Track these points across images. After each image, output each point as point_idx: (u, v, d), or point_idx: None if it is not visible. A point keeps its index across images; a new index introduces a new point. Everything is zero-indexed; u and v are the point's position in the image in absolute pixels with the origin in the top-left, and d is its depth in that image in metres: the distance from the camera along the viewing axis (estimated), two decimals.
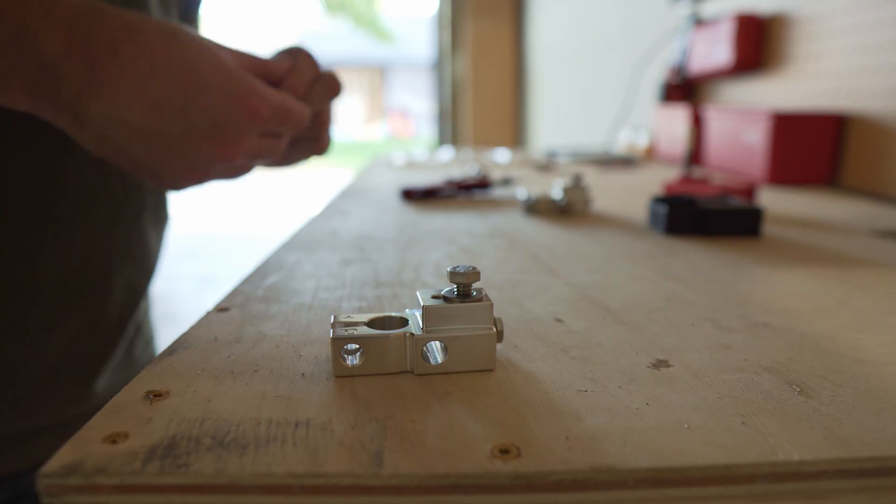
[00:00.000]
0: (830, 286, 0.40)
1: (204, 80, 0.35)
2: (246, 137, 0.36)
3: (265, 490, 0.20)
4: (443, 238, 0.55)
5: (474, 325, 0.27)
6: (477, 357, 0.27)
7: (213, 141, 0.35)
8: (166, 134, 0.35)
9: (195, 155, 0.36)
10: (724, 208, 0.56)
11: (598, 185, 0.87)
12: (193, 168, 0.37)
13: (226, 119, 0.35)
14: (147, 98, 0.34)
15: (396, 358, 0.27)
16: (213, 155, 0.36)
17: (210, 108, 0.35)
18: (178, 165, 0.36)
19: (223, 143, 0.36)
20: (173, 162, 0.36)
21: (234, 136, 0.36)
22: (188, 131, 0.35)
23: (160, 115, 0.34)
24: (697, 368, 0.27)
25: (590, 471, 0.20)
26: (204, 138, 0.35)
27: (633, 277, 0.42)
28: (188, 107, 0.34)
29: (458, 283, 0.27)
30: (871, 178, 0.85)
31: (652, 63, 1.56)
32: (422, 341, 0.27)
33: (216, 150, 0.36)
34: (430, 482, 0.20)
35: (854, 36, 0.88)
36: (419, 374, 0.27)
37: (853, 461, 0.20)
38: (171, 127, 0.34)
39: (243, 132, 0.36)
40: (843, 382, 0.26)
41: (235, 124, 0.36)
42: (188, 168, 0.37)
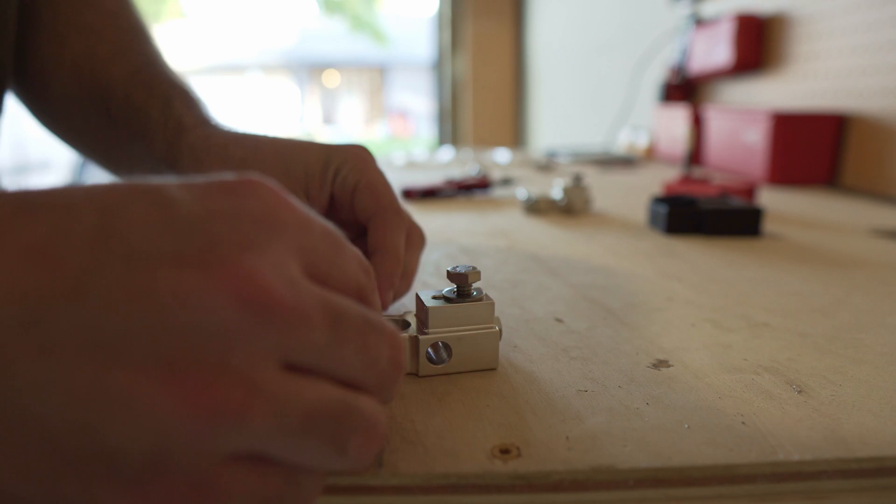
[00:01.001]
0: (830, 286, 0.40)
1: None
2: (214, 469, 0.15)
3: None
4: (443, 238, 0.55)
5: (477, 324, 0.27)
6: (481, 356, 0.27)
7: (104, 481, 0.14)
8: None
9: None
10: (724, 208, 0.56)
11: (598, 185, 0.87)
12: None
13: (147, 445, 0.14)
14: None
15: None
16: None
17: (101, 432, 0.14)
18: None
19: (126, 492, 0.15)
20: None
21: (183, 471, 0.15)
22: (81, 481, 0.14)
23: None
24: (697, 368, 0.27)
25: (590, 471, 0.20)
26: (94, 481, 0.14)
27: (633, 277, 0.42)
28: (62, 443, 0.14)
29: (458, 283, 0.27)
30: (871, 178, 0.85)
31: (652, 63, 1.56)
32: (426, 343, 0.27)
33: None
34: (430, 482, 0.20)
35: (854, 36, 0.88)
36: (423, 376, 0.27)
37: (853, 461, 0.20)
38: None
39: (198, 453, 0.15)
40: (843, 382, 0.26)
41: (181, 449, 0.14)
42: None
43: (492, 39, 3.17)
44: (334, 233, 0.19)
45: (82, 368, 0.14)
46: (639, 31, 1.74)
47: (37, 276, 0.14)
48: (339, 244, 0.19)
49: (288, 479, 0.16)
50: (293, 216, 0.17)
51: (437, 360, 0.27)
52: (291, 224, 0.17)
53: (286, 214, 0.17)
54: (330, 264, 0.18)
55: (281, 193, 0.17)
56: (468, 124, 3.23)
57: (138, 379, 0.14)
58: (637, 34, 1.75)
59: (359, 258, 0.20)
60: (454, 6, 3.19)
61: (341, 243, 0.19)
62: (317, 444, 0.16)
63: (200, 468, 0.15)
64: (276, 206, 0.17)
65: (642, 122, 1.60)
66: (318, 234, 0.18)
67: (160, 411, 0.14)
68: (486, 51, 3.17)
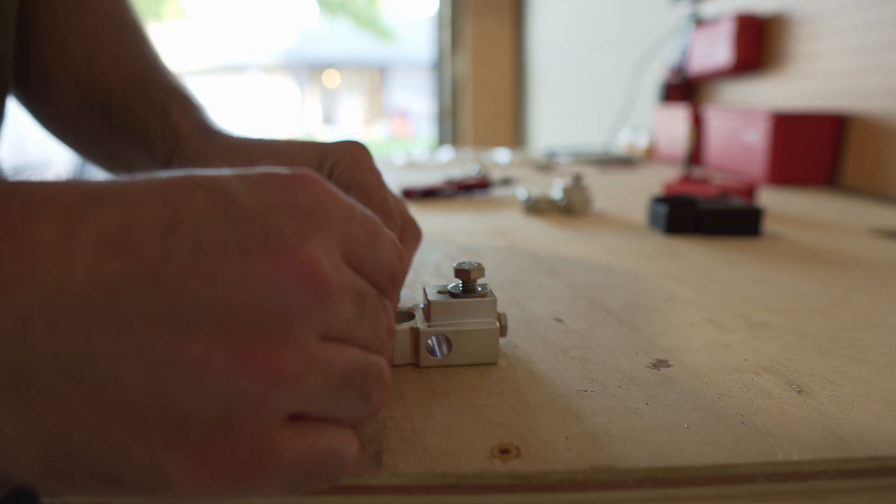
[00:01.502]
0: (830, 286, 0.40)
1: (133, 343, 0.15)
2: (269, 434, 0.16)
3: None
4: (443, 238, 0.55)
5: (478, 319, 0.27)
6: (480, 351, 0.27)
7: (171, 448, 0.16)
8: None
9: (165, 472, 0.16)
10: (724, 208, 0.56)
11: (598, 185, 0.87)
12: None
13: (206, 409, 0.16)
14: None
15: (402, 351, 0.28)
16: (189, 478, 0.16)
17: (147, 391, 0.15)
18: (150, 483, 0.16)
19: (191, 455, 0.16)
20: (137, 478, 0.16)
21: (244, 436, 0.16)
22: (132, 433, 0.16)
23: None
24: (697, 368, 0.27)
25: (589, 471, 0.20)
26: (162, 446, 0.16)
27: (633, 277, 0.42)
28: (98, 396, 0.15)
29: (462, 278, 0.28)
30: (871, 178, 0.85)
31: (652, 63, 1.56)
32: (426, 335, 0.27)
33: (193, 470, 0.16)
34: (430, 482, 0.20)
35: (854, 36, 0.88)
36: (424, 367, 0.27)
37: (853, 461, 0.20)
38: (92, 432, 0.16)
39: (262, 415, 0.16)
40: (843, 382, 0.26)
41: (247, 411, 0.16)
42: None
43: (492, 39, 3.17)
44: (373, 220, 0.21)
45: (159, 341, 0.15)
46: (639, 31, 1.74)
47: (114, 261, 0.15)
48: (378, 231, 0.21)
49: (330, 445, 0.18)
50: (337, 207, 0.19)
51: (436, 352, 0.27)
52: (336, 214, 0.19)
53: (332, 205, 0.19)
54: (368, 250, 0.20)
55: (327, 186, 0.19)
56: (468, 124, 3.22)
57: (211, 349, 0.15)
58: (637, 34, 1.75)
59: (394, 243, 0.22)
60: (454, 6, 3.19)
61: (379, 230, 0.21)
62: (350, 395, 0.18)
63: (260, 432, 0.16)
64: (324, 198, 0.18)
65: (642, 122, 1.60)
66: (359, 222, 0.20)
67: (232, 376, 0.16)
68: (486, 51, 3.17)
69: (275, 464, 0.16)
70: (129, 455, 0.16)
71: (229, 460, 0.16)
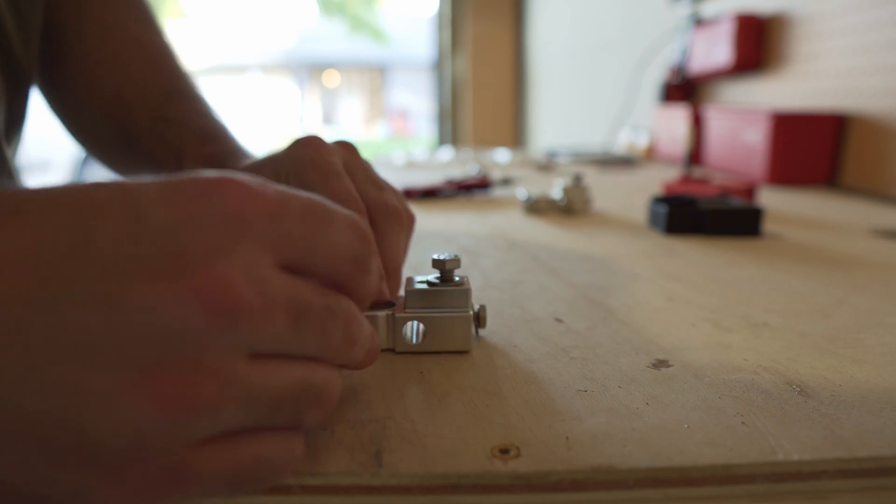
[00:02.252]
0: (830, 286, 0.40)
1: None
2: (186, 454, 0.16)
3: (265, 490, 0.20)
4: (443, 238, 0.55)
5: (452, 308, 0.29)
6: (454, 338, 0.29)
7: (87, 470, 0.16)
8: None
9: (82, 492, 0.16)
10: (724, 208, 0.56)
11: (598, 185, 0.87)
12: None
13: (114, 428, 0.15)
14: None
15: (381, 336, 0.29)
16: (110, 496, 0.16)
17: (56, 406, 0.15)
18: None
19: (108, 476, 0.16)
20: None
21: (144, 461, 0.16)
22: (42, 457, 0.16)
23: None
24: (697, 368, 0.27)
25: (590, 471, 0.20)
26: (78, 469, 0.16)
27: (633, 277, 0.42)
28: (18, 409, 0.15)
29: (439, 269, 0.29)
30: (871, 178, 0.85)
31: (652, 63, 1.56)
32: (401, 321, 0.29)
33: (112, 489, 0.16)
34: (430, 482, 0.20)
35: (854, 36, 0.88)
36: (400, 352, 0.29)
37: (853, 461, 0.20)
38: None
39: (174, 441, 0.16)
40: (843, 382, 0.26)
41: (157, 440, 0.16)
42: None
43: (492, 39, 3.17)
44: (317, 208, 0.19)
45: (65, 371, 0.15)
46: (639, 31, 1.74)
47: (20, 284, 0.15)
48: (323, 219, 0.19)
49: (257, 454, 0.17)
50: (262, 209, 0.17)
51: (412, 338, 0.29)
52: (260, 218, 0.17)
53: (254, 209, 0.17)
54: (312, 243, 0.18)
55: (249, 187, 0.17)
56: (468, 124, 3.22)
57: (118, 380, 0.15)
58: (637, 34, 1.75)
59: (352, 225, 0.20)
60: (454, 6, 3.19)
61: (326, 217, 0.19)
62: (279, 419, 0.18)
63: (174, 455, 0.16)
64: (244, 203, 0.17)
65: (642, 122, 1.59)
66: (293, 217, 0.18)
67: (139, 409, 0.15)
68: (486, 51, 3.17)
69: (192, 480, 0.16)
70: (50, 478, 0.16)
71: (146, 481, 0.16)
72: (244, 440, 0.17)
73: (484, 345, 0.30)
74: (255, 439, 0.18)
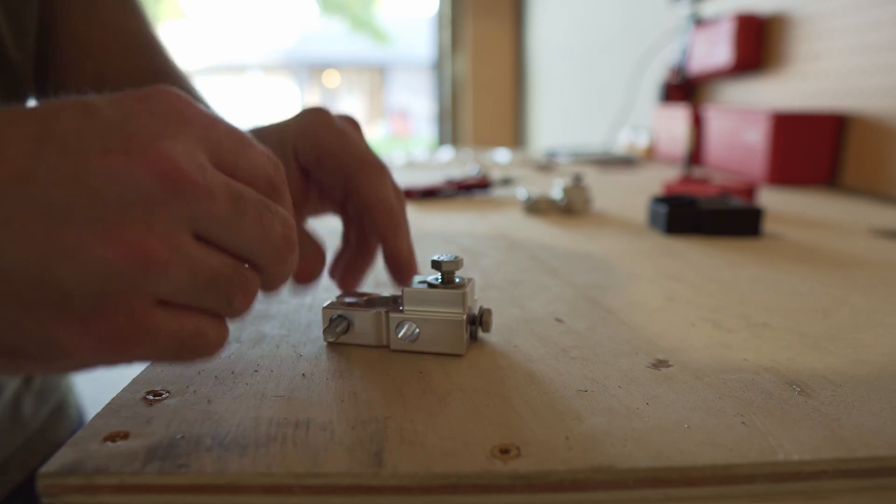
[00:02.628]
0: (830, 286, 0.40)
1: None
2: (131, 308, 0.19)
3: (265, 490, 0.20)
4: (443, 238, 0.55)
5: (448, 310, 0.29)
6: (446, 340, 0.29)
7: (58, 320, 0.18)
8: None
9: (38, 338, 0.18)
10: (724, 208, 0.56)
11: (598, 185, 0.87)
12: (47, 357, 0.19)
13: (63, 272, 0.18)
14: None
15: (376, 333, 0.29)
16: (76, 345, 0.18)
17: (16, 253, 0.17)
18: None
19: (76, 326, 0.18)
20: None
21: (95, 310, 0.18)
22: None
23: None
24: (697, 368, 0.27)
25: (590, 470, 0.20)
26: (50, 320, 0.18)
27: (633, 277, 0.42)
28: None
29: (437, 270, 0.29)
30: (871, 178, 0.85)
31: (652, 63, 1.56)
32: (395, 320, 0.29)
33: (79, 338, 0.18)
34: (430, 482, 0.20)
35: (854, 36, 0.88)
36: (394, 350, 0.29)
37: (853, 461, 0.20)
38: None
39: (123, 298, 0.18)
40: (843, 382, 0.26)
41: (119, 288, 0.18)
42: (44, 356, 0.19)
43: (492, 39, 3.16)
44: (239, 132, 0.22)
45: (36, 231, 0.17)
46: (639, 31, 1.74)
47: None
48: (245, 141, 0.22)
49: (197, 328, 0.20)
50: (198, 115, 0.20)
51: (405, 337, 0.29)
52: (196, 121, 0.20)
53: (191, 113, 0.20)
54: (236, 157, 0.21)
55: (185, 98, 0.20)
56: (468, 124, 3.22)
57: (84, 235, 0.17)
58: (637, 34, 1.75)
59: (267, 154, 0.23)
60: (454, 6, 3.19)
61: (247, 141, 0.22)
62: (214, 296, 0.20)
63: (135, 307, 0.19)
64: (182, 106, 0.20)
65: (642, 122, 1.59)
66: (222, 131, 0.21)
67: (103, 258, 0.18)
68: (486, 51, 3.17)
69: (151, 335, 0.19)
70: (23, 329, 0.18)
71: (111, 329, 0.18)
72: (189, 312, 0.20)
73: (484, 345, 0.30)
74: (197, 314, 0.20)
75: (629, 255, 0.49)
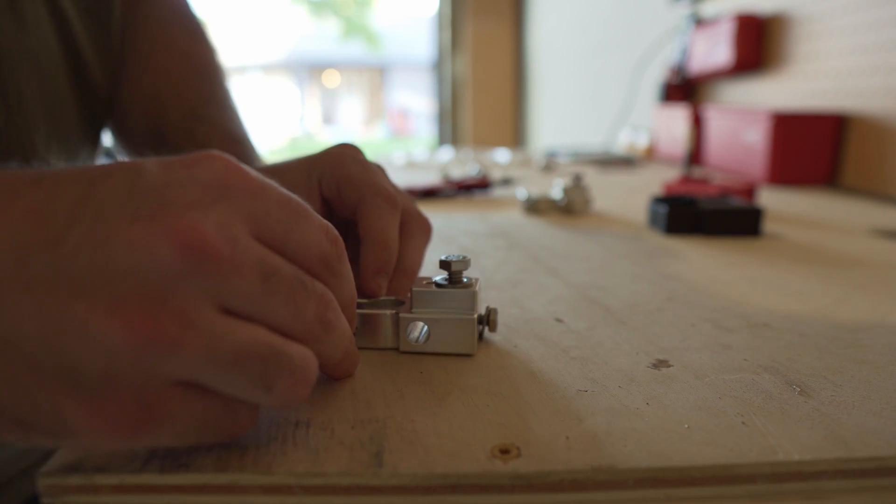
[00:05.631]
0: (830, 286, 0.40)
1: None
2: (154, 389, 0.18)
3: (265, 490, 0.20)
4: (443, 238, 0.55)
5: (458, 310, 0.28)
6: (457, 341, 0.28)
7: (67, 396, 0.17)
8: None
9: (56, 416, 0.17)
10: (724, 208, 0.56)
11: (598, 185, 0.87)
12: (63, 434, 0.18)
13: (88, 355, 0.17)
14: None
15: (385, 334, 0.29)
16: (86, 425, 0.17)
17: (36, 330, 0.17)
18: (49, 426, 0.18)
19: (85, 404, 0.17)
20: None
21: (117, 389, 0.17)
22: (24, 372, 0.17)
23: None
24: (697, 368, 0.27)
25: (590, 471, 0.20)
26: (60, 396, 0.17)
27: (633, 277, 0.42)
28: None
29: (445, 269, 0.29)
30: (871, 178, 0.85)
31: (652, 63, 1.56)
32: (405, 321, 0.28)
33: (88, 418, 0.17)
34: (430, 482, 0.20)
35: (854, 36, 0.88)
36: (403, 352, 0.29)
37: (853, 461, 0.20)
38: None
39: (144, 375, 0.17)
40: (843, 382, 0.26)
41: (128, 370, 0.17)
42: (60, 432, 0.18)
43: (492, 39, 3.16)
44: (295, 202, 0.21)
45: (53, 301, 0.17)
46: (639, 31, 1.74)
47: (28, 228, 0.17)
48: (299, 213, 0.21)
49: (226, 407, 0.19)
50: (244, 184, 0.19)
51: (415, 338, 0.28)
52: (241, 190, 0.19)
53: (236, 181, 0.19)
54: (286, 231, 0.20)
55: (234, 164, 0.19)
56: (468, 124, 3.22)
57: (93, 309, 0.17)
58: (637, 34, 1.75)
59: (325, 228, 0.21)
60: (454, 6, 3.19)
61: (302, 212, 0.21)
62: (245, 379, 0.18)
63: (147, 388, 0.17)
64: (228, 174, 0.19)
65: (642, 122, 1.59)
66: (272, 202, 0.20)
67: (109, 336, 0.17)
68: (486, 51, 3.17)
69: (167, 419, 0.18)
70: (34, 402, 0.17)
71: (121, 412, 0.17)
72: (214, 393, 0.19)
73: (484, 345, 0.30)
74: (222, 396, 0.19)
75: (629, 255, 0.49)
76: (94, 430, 0.17)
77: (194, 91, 0.48)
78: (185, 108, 0.46)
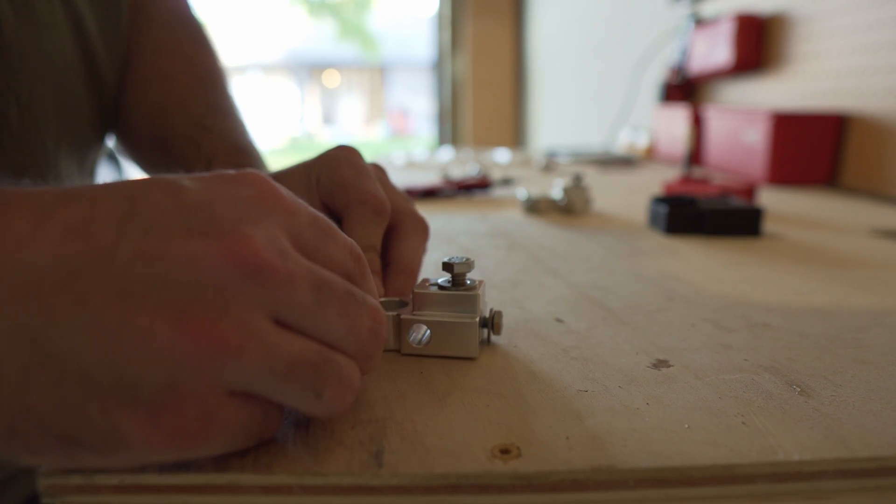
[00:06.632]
0: (830, 286, 0.40)
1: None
2: (212, 396, 0.18)
3: (265, 490, 0.20)
4: (443, 238, 0.55)
5: (460, 312, 0.28)
6: (459, 344, 0.28)
7: (124, 410, 0.17)
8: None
9: (110, 430, 0.17)
10: (724, 208, 0.56)
11: (598, 185, 0.87)
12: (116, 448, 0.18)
13: (150, 367, 0.17)
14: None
15: (386, 336, 0.28)
16: (142, 437, 0.17)
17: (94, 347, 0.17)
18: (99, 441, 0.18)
19: (143, 418, 0.17)
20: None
21: (183, 401, 0.17)
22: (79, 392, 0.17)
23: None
24: (697, 368, 0.27)
25: (590, 471, 0.20)
26: (116, 409, 0.17)
27: (633, 277, 0.42)
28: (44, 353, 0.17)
29: (447, 272, 0.29)
30: (871, 178, 0.85)
31: (652, 63, 1.56)
32: (407, 323, 0.28)
33: (145, 430, 0.17)
34: (430, 482, 0.20)
35: (854, 36, 0.88)
36: (405, 354, 0.29)
37: (853, 461, 0.20)
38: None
39: (206, 385, 0.18)
40: (843, 382, 0.26)
41: (189, 379, 0.17)
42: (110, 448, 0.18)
43: (492, 39, 3.16)
44: (322, 221, 0.21)
45: (110, 314, 0.17)
46: (639, 31, 1.74)
47: (74, 245, 0.17)
48: (327, 232, 0.21)
49: (265, 413, 0.20)
50: (281, 202, 0.20)
51: (416, 340, 0.28)
52: (280, 208, 0.20)
53: (274, 200, 0.20)
54: (316, 248, 0.21)
55: (271, 184, 0.20)
56: (468, 124, 3.22)
57: (155, 321, 0.17)
58: (637, 34, 1.75)
59: (349, 246, 0.22)
60: (454, 6, 3.19)
61: (329, 231, 0.21)
62: (298, 387, 0.19)
63: (207, 398, 0.18)
64: (267, 193, 0.20)
65: (642, 122, 1.59)
66: (304, 220, 0.20)
67: (173, 347, 0.17)
68: (486, 51, 3.17)
69: (221, 428, 0.18)
70: (86, 417, 0.17)
71: (179, 423, 0.17)
72: (259, 400, 0.19)
73: (485, 345, 0.30)
74: (263, 403, 0.19)
75: (629, 255, 0.49)
76: (150, 442, 0.17)
77: (199, 100, 0.48)
78: (189, 117, 0.46)
